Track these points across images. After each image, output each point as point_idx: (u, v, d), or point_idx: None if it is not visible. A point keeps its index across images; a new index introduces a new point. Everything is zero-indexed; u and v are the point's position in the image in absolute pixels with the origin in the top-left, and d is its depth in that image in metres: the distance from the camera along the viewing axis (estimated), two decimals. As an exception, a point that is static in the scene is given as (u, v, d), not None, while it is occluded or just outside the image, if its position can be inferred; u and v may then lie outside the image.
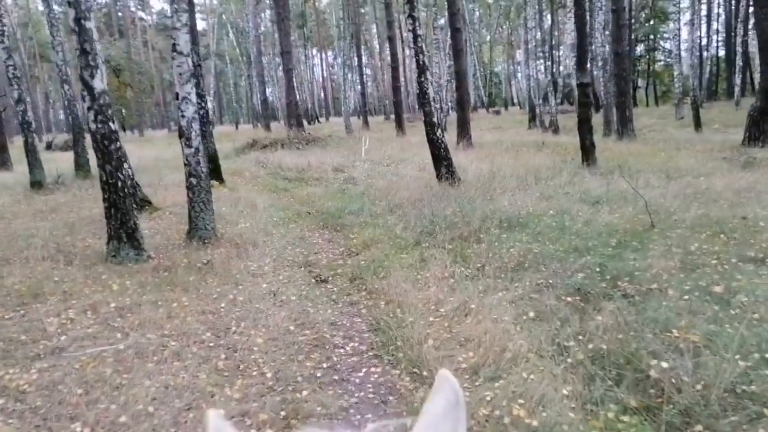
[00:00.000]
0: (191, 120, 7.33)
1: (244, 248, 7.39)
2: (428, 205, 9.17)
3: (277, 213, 10.11)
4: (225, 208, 10.35)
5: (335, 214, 9.56)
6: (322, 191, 12.68)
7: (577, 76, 12.56)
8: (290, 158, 17.62)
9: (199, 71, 13.21)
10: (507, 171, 12.61)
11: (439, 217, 8.13)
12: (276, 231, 8.60)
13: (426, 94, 10.68)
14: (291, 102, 24.06)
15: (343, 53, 30.09)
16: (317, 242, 8.15)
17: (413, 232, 7.85)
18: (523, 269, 5.72)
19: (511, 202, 9.23)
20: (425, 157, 16.21)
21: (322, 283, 6.23)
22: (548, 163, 13.84)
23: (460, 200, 9.31)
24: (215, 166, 13.54)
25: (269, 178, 15.86)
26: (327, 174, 15.06)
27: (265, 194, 12.87)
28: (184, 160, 7.47)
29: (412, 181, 11.79)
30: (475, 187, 10.64)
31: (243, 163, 18.55)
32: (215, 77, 69.24)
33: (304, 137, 21.34)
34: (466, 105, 17.93)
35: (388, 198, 10.31)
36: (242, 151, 20.94)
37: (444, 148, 10.97)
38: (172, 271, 6.35)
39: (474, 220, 7.77)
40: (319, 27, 69.33)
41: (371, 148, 18.95)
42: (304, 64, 76.05)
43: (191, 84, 7.32)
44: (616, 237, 6.76)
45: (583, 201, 9.25)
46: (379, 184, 12.23)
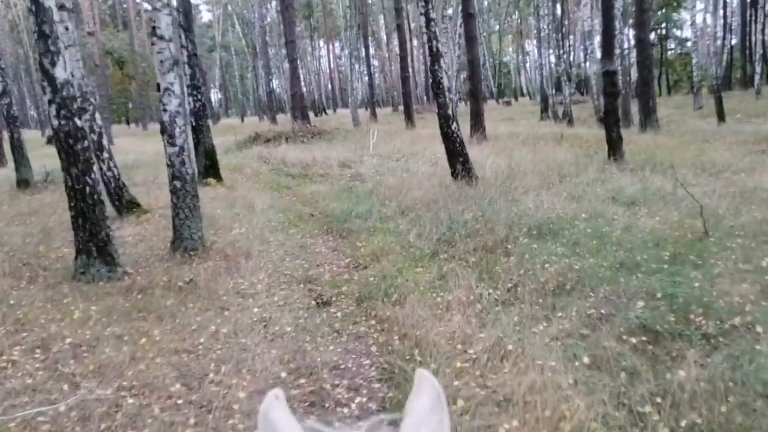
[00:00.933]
0: (174, 114, 6.38)
1: (236, 261, 6.45)
2: (444, 207, 8.19)
3: (277, 215, 9.16)
4: (219, 210, 9.43)
5: (341, 217, 8.61)
6: (326, 189, 11.72)
7: (603, 64, 11.52)
8: (294, 153, 16.65)
9: (195, 61, 12.27)
10: (527, 167, 11.62)
11: (458, 223, 7.16)
12: (274, 238, 7.65)
13: (440, 84, 9.68)
14: (296, 94, 23.07)
15: (350, 43, 29.06)
16: (320, 251, 7.20)
17: (429, 240, 6.88)
18: (566, 293, 4.74)
19: (536, 204, 8.25)
20: (437, 151, 15.23)
21: (324, 307, 5.28)
22: (570, 157, 12.82)
23: (479, 202, 8.33)
24: (212, 162, 12.63)
25: (271, 174, 14.92)
26: (332, 170, 14.10)
27: (265, 193, 11.93)
28: (166, 160, 6.53)
29: (425, 179, 10.81)
30: (494, 186, 9.65)
31: (244, 159, 17.61)
32: (221, 69, 68.39)
33: (310, 130, 20.37)
34: (479, 95, 16.89)
35: (399, 198, 9.34)
36: (244, 146, 19.99)
37: (460, 142, 9.99)
38: (147, 293, 5.42)
39: (499, 226, 6.79)
40: (326, 18, 68.13)
41: (379, 141, 17.94)
42: (310, 55, 75.08)
43: (174, 73, 6.37)
44: (667, 248, 5.78)
45: (616, 202, 8.25)
46: (388, 182, 11.26)
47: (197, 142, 12.52)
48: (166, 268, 6.13)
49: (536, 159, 12.67)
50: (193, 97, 12.28)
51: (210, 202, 10.34)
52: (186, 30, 12.07)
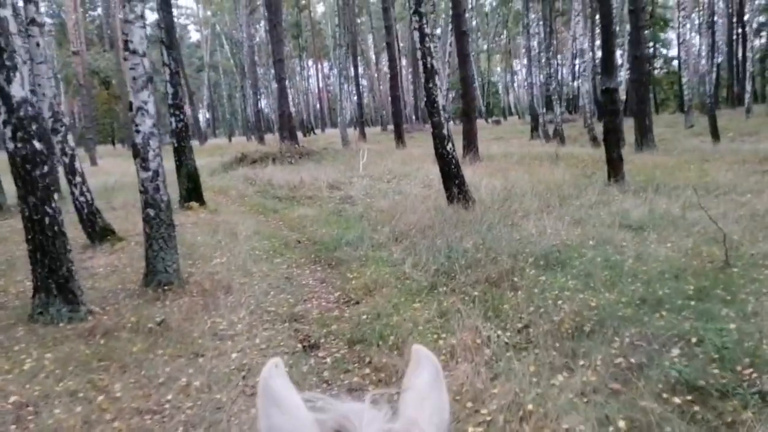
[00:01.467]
0: (148, 136, 5.82)
1: (214, 296, 5.86)
2: (441, 234, 7.65)
3: (261, 243, 8.58)
4: (200, 237, 8.84)
5: (330, 245, 8.04)
6: (315, 213, 11.17)
7: (603, 81, 11.11)
8: (281, 174, 16.10)
9: (178, 79, 11.74)
10: (524, 188, 11.14)
11: (458, 252, 6.61)
12: (257, 268, 7.06)
13: (435, 103, 9.20)
14: (284, 113, 22.56)
15: (339, 62, 28.68)
16: (307, 284, 6.62)
17: (426, 271, 6.33)
18: (585, 336, 4.19)
19: (539, 229, 7.74)
20: (430, 171, 14.74)
21: (312, 350, 4.69)
22: (568, 178, 12.37)
23: (478, 228, 7.80)
24: (195, 185, 12.04)
25: (257, 196, 14.35)
26: (321, 192, 13.56)
27: (250, 217, 11.35)
28: (139, 186, 5.96)
29: (419, 202, 10.27)
30: (492, 210, 9.14)
31: (230, 180, 17.04)
32: (209, 89, 68.04)
33: (297, 151, 19.83)
34: (472, 115, 16.44)
35: (392, 223, 8.79)
36: (230, 167, 19.41)
37: (455, 164, 9.49)
38: (112, 337, 4.81)
39: (502, 256, 6.25)
40: (314, 37, 68.07)
41: (370, 161, 17.44)
42: (299, 74, 74.83)
43: (148, 91, 5.82)
44: (688, 281, 5.26)
45: (623, 227, 7.76)
46: (380, 205, 10.73)
47: (179, 164, 11.95)
48: (136, 306, 5.52)
49: (533, 180, 12.20)
50: (176, 117, 11.72)
51: (191, 228, 9.76)
52: (168, 47, 11.55)
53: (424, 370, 0.76)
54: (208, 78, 64.99)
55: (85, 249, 8.61)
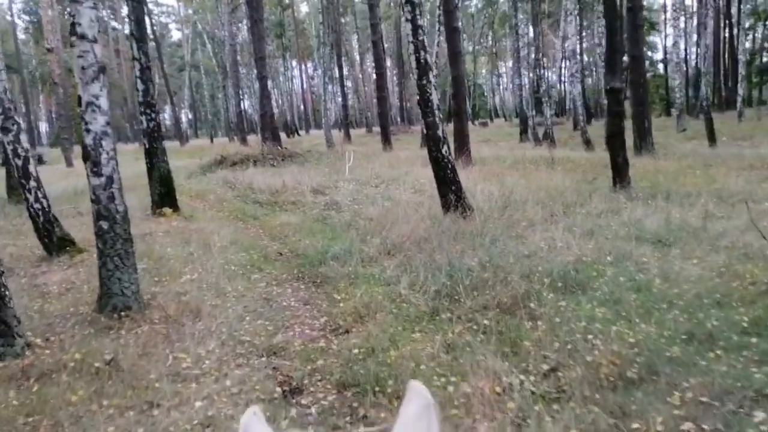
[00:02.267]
0: (100, 136, 4.96)
1: (180, 323, 5.01)
2: (440, 247, 6.85)
3: (239, 255, 7.72)
4: (171, 248, 7.95)
5: (314, 258, 7.20)
6: (298, 220, 10.32)
7: (607, 80, 10.40)
8: (263, 177, 15.22)
9: (149, 75, 10.83)
10: (522, 194, 10.40)
11: (461, 270, 5.81)
12: (232, 287, 6.21)
13: (429, 102, 8.40)
14: (265, 113, 21.66)
15: (323, 61, 27.83)
16: (289, 306, 5.78)
17: (425, 292, 5.53)
18: (632, 385, 3.41)
19: (548, 243, 6.97)
20: (420, 176, 13.95)
21: (293, 396, 3.87)
22: (569, 184, 11.64)
23: (480, 241, 7.02)
24: (168, 189, 11.14)
25: (237, 201, 13.47)
26: (305, 197, 12.70)
27: (228, 225, 10.48)
28: (90, 195, 5.08)
29: (411, 210, 9.47)
30: (492, 219, 8.38)
31: (208, 184, 16.13)
32: (190, 88, 66.81)
33: (280, 153, 18.95)
34: (464, 115, 15.66)
35: (383, 234, 7.97)
36: (209, 169, 18.47)
37: (451, 168, 8.70)
38: (50, 380, 3.95)
39: (513, 275, 5.46)
40: (298, 37, 67.11)
41: (356, 164, 16.62)
42: (283, 75, 73.81)
43: (100, 83, 4.95)
44: (736, 308, 4.50)
45: (640, 240, 7.01)
46: (368, 212, 9.91)
47: (151, 167, 11.05)
48: (84, 338, 4.65)
49: (531, 186, 11.46)
50: (146, 116, 10.82)
51: (161, 238, 8.88)
52: (138, 40, 10.65)
53: (413, 402, 0.76)
54: (189, 77, 63.77)
55: (41, 262, 7.71)
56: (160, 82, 49.53)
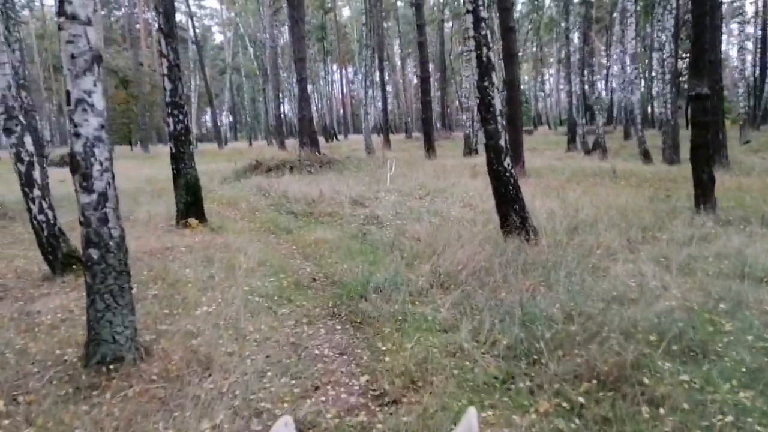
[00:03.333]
0: (92, 142, 3.93)
1: (183, 381, 3.95)
2: (506, 283, 5.68)
3: (267, 281, 6.65)
4: (189, 269, 6.94)
5: (353, 289, 6.09)
6: (335, 236, 9.24)
7: (692, 85, 9.09)
8: (299, 185, 14.22)
9: (177, 73, 9.91)
10: (589, 213, 9.14)
11: (538, 318, 4.63)
12: (255, 326, 5.13)
13: (491, 106, 7.23)
14: (304, 117, 20.71)
15: (365, 64, 26.82)
16: (322, 356, 4.66)
17: (493, 346, 4.36)
18: None
19: (636, 279, 5.73)
20: (469, 188, 12.77)
21: None
22: (640, 202, 10.31)
23: (555, 276, 5.81)
24: (195, 198, 10.19)
25: (270, 211, 12.48)
26: (343, 208, 11.65)
27: (258, 239, 9.48)
28: (79, 216, 4.05)
29: (464, 229, 8.31)
30: (560, 245, 7.15)
31: (242, 190, 15.19)
32: (230, 91, 66.75)
33: (318, 159, 17.94)
34: (518, 123, 14.38)
35: (434, 258, 6.83)
36: (244, 174, 17.57)
37: (514, 184, 7.51)
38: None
39: (610, 331, 4.25)
40: (339, 41, 66.48)
41: (397, 173, 15.51)
42: (323, 79, 73.33)
43: (93, 76, 3.93)
44: None
45: (752, 278, 5.72)
46: (414, 230, 8.76)
47: (177, 173, 10.11)
48: (56, 404, 3.61)
49: (597, 203, 10.18)
50: (174, 117, 9.90)
51: (182, 255, 7.89)
52: (167, 35, 9.74)
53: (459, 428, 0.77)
54: (230, 80, 63.59)
55: (42, 281, 6.77)
56: (200, 84, 49.37)
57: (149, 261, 7.57)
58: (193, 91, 50.99)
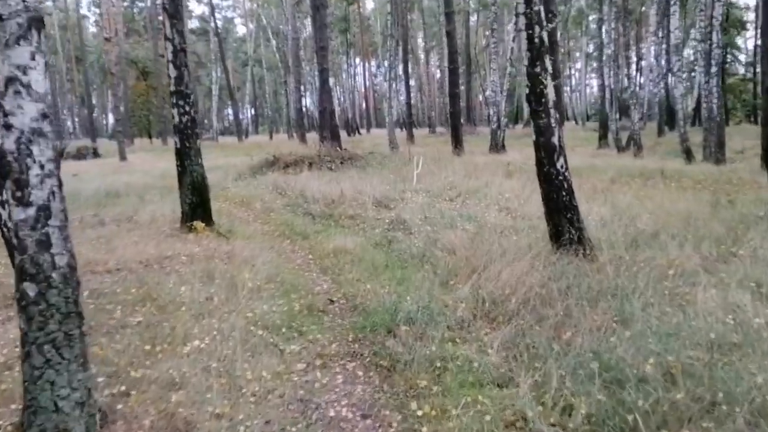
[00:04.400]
0: (29, 136, 2.89)
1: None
2: (569, 318, 4.55)
3: (274, 303, 5.59)
4: (186, 287, 5.90)
5: (378, 318, 5.00)
6: (357, 244, 8.16)
7: None
8: (318, 183, 13.15)
9: (183, 59, 8.90)
10: (647, 222, 7.97)
11: (622, 374, 3.50)
12: (254, 373, 4.06)
13: (543, 97, 6.12)
14: (325, 110, 19.64)
15: (389, 54, 25.64)
16: (338, 419, 3.58)
17: (567, 417, 3.25)
18: None
19: (733, 314, 4.56)
20: (504, 189, 11.59)
21: None
22: (701, 208, 9.06)
23: (626, 303, 4.67)
24: (202, 199, 9.18)
25: (286, 212, 11.45)
26: (366, 210, 10.57)
27: (270, 245, 8.45)
28: (12, 236, 3.02)
29: (505, 239, 7.17)
30: (623, 262, 6.00)
31: (257, 188, 14.18)
32: (252, 83, 65.93)
33: (339, 155, 16.87)
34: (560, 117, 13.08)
35: (474, 278, 5.72)
36: (260, 170, 16.55)
37: (568, 190, 6.37)
38: None
39: (731, 404, 3.11)
40: (363, 33, 65.32)
41: (424, 170, 14.36)
42: (345, 72, 72.26)
43: (30, 46, 2.89)
44: None
45: None
46: (447, 239, 7.63)
47: (182, 170, 9.11)
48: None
49: (651, 208, 8.99)
50: (179, 108, 8.89)
51: (181, 267, 6.88)
52: (172, 16, 8.73)
53: None
54: (252, 73, 62.71)
55: (11, 301, 5.78)
56: (221, 77, 48.59)
57: (143, 274, 6.57)
58: (215, 84, 50.33)
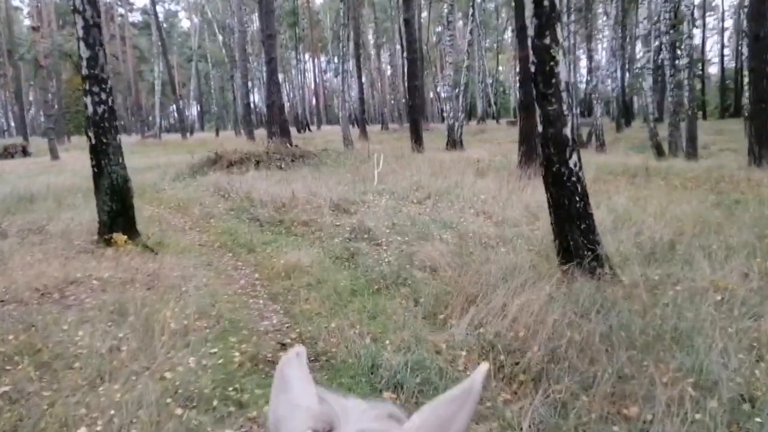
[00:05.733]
0: None
1: None
2: (625, 381, 3.23)
3: (204, 356, 4.10)
4: (85, 331, 4.35)
5: (353, 378, 3.59)
6: (313, 259, 6.70)
7: None
8: (266, 184, 11.61)
9: (97, 36, 7.28)
10: (657, 229, 6.78)
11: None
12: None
13: (552, 76, 4.81)
14: (273, 104, 18.01)
15: (342, 46, 24.12)
16: None
17: None
18: None
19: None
20: (479, 189, 10.26)
21: None
22: (708, 210, 7.96)
23: (691, 353, 3.38)
24: (124, 206, 7.55)
25: (229, 218, 9.90)
26: (322, 215, 9.11)
27: (209, 260, 6.94)
28: None
29: (495, 253, 5.84)
30: (647, 281, 4.75)
31: (196, 190, 12.51)
32: (197, 79, 63.32)
33: (289, 152, 15.29)
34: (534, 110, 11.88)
35: (471, 310, 4.36)
36: (201, 170, 14.84)
37: (582, 193, 5.08)
38: None
39: None
40: (312, 29, 63.52)
41: (385, 169, 12.97)
42: (295, 68, 70.31)
43: None
44: None
45: None
46: (425, 253, 6.25)
47: (98, 172, 7.47)
48: None
49: (652, 211, 7.86)
50: (93, 96, 7.29)
51: (87, 298, 5.32)
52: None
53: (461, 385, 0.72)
54: (196, 68, 60.04)
55: None
56: (164, 71, 46.14)
57: (33, 309, 4.98)
58: (157, 79, 47.84)
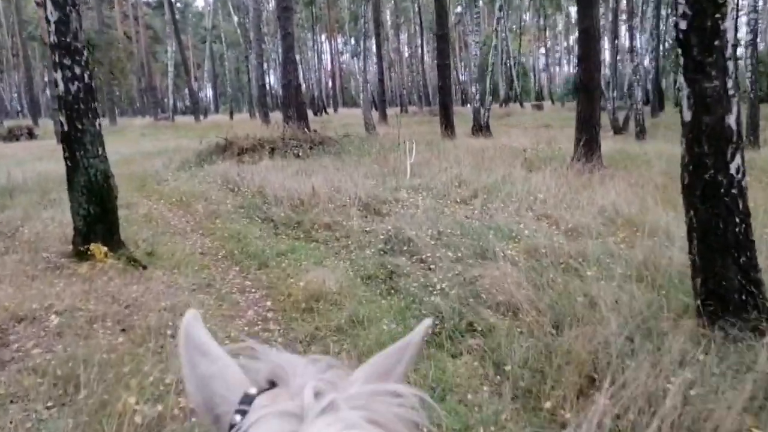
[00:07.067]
0: None
1: None
2: None
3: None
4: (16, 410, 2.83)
5: None
6: (341, 281, 5.17)
7: None
8: (281, 176, 10.05)
9: (74, 15, 5.73)
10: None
11: None
12: None
13: (716, 37, 3.17)
14: (290, 83, 16.39)
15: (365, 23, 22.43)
16: None
17: None
18: None
19: None
20: (533, 186, 8.63)
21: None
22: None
23: None
24: (104, 209, 6.03)
25: (238, 217, 8.39)
26: (349, 217, 7.57)
27: (210, 279, 5.43)
28: None
29: (597, 287, 4.27)
30: None
31: (201, 182, 10.97)
32: (211, 60, 61.78)
33: (308, 138, 13.73)
34: (595, 92, 10.02)
35: (596, 397, 2.81)
36: (208, 158, 13.30)
37: (743, 212, 3.46)
38: None
39: None
40: (330, 9, 61.63)
41: (417, 160, 11.34)
42: (311, 49, 68.55)
43: None
44: None
45: None
46: (492, 280, 4.70)
47: (72, 167, 5.96)
48: None
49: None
50: (64, 70, 5.73)
51: (32, 349, 3.84)
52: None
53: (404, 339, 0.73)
54: (210, 49, 58.39)
55: None
56: (177, 51, 44.59)
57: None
58: (170, 60, 46.41)
